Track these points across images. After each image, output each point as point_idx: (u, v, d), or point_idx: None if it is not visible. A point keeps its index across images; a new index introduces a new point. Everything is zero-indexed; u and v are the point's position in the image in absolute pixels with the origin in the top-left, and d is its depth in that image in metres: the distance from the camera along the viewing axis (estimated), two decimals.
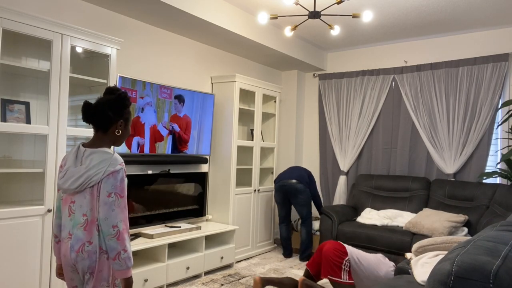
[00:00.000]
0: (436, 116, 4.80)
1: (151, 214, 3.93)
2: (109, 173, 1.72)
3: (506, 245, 1.18)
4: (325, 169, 5.72)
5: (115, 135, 1.85)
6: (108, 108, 1.79)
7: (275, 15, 3.44)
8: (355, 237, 4.42)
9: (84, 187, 1.73)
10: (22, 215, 2.69)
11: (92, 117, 1.80)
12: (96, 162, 1.73)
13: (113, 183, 1.72)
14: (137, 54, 3.93)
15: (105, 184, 1.72)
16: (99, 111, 1.79)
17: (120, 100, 1.82)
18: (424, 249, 2.76)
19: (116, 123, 1.84)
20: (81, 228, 1.74)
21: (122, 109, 1.84)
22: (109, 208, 1.70)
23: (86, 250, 1.72)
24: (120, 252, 1.69)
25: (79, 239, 1.73)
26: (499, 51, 4.52)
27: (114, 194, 1.72)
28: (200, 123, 4.38)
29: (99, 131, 1.84)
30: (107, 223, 1.69)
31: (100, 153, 1.77)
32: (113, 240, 1.69)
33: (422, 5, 4.02)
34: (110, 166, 1.73)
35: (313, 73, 5.95)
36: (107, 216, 1.70)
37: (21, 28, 2.67)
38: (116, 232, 1.69)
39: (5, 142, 2.92)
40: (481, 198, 4.19)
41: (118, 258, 1.69)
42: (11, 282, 2.65)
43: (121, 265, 1.70)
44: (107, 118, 1.80)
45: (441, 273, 1.10)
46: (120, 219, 1.71)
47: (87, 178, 1.72)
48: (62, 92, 2.92)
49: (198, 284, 3.78)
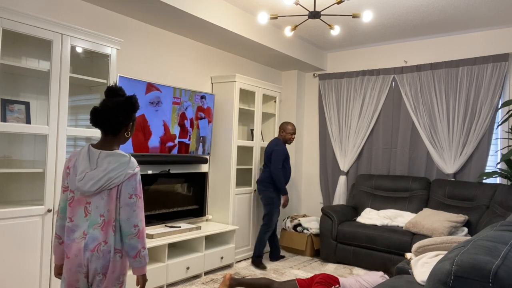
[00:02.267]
0: (436, 116, 4.80)
1: (151, 214, 3.93)
2: (129, 176, 1.78)
3: (506, 245, 1.18)
4: (325, 169, 5.72)
5: (125, 137, 1.90)
6: (119, 113, 1.80)
7: (275, 15, 3.44)
8: (355, 237, 4.42)
9: (104, 189, 1.77)
10: (22, 215, 2.69)
11: (103, 123, 1.81)
12: (115, 165, 1.77)
13: (133, 185, 1.79)
14: (137, 54, 3.93)
15: (126, 187, 1.78)
16: (110, 117, 1.79)
17: (130, 104, 1.84)
18: (424, 249, 2.76)
19: (126, 126, 1.87)
20: (98, 228, 1.77)
21: (132, 112, 1.86)
22: (130, 209, 1.78)
23: (101, 250, 1.75)
24: (140, 250, 1.78)
25: (95, 238, 1.76)
26: (499, 51, 4.52)
27: (134, 196, 1.79)
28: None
29: (109, 134, 1.85)
30: (129, 223, 1.77)
31: (116, 156, 1.81)
32: (135, 239, 1.77)
33: (422, 5, 4.02)
34: (129, 169, 1.79)
35: (313, 73, 5.95)
36: (129, 217, 1.77)
37: (21, 28, 2.67)
38: (137, 231, 1.78)
39: (5, 142, 2.92)
40: (481, 198, 4.20)
41: (139, 255, 1.78)
42: (11, 282, 2.65)
43: (141, 262, 1.79)
44: (119, 123, 1.82)
45: (441, 273, 1.10)
46: (140, 219, 1.80)
47: (107, 181, 1.76)
48: (62, 92, 2.92)
49: (198, 284, 3.78)
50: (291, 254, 5.03)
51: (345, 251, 4.52)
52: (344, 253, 4.53)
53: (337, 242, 4.60)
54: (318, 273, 3.70)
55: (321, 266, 4.51)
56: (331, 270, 4.34)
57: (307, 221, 5.07)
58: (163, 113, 3.94)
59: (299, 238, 5.01)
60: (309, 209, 5.95)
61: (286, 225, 5.19)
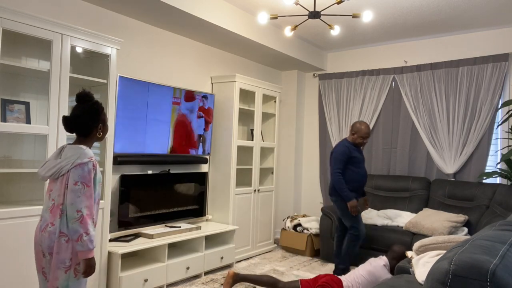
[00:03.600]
0: (436, 116, 4.80)
1: (151, 214, 3.93)
2: (76, 164, 1.94)
3: (504, 244, 1.18)
4: (325, 169, 5.72)
5: (97, 137, 2.12)
6: (86, 118, 2.04)
7: (275, 15, 3.44)
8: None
9: (57, 175, 1.97)
10: (22, 215, 2.70)
11: (73, 129, 2.05)
12: (68, 155, 1.98)
13: (80, 173, 1.93)
14: (137, 54, 3.93)
15: (72, 174, 1.93)
16: (79, 123, 2.03)
17: (95, 108, 2.06)
18: (426, 248, 2.76)
19: (96, 128, 2.09)
20: (48, 210, 1.98)
21: (99, 116, 2.08)
22: (75, 195, 1.91)
23: (47, 230, 1.94)
24: (82, 235, 1.89)
25: (45, 220, 1.98)
26: (499, 51, 4.52)
27: (80, 183, 1.93)
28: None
29: (81, 136, 2.08)
30: (72, 208, 1.90)
31: (74, 148, 2.01)
32: (77, 224, 1.89)
33: (422, 5, 4.02)
34: (79, 158, 1.95)
35: (313, 73, 5.95)
36: (73, 202, 1.90)
37: (21, 28, 2.67)
38: (80, 216, 1.90)
39: (5, 142, 2.92)
40: (481, 198, 4.19)
41: (81, 239, 1.89)
42: (11, 282, 2.65)
43: (83, 246, 1.89)
44: (88, 127, 2.05)
45: (439, 272, 1.10)
46: (85, 205, 1.92)
47: (58, 168, 1.96)
48: (62, 92, 2.92)
49: (198, 284, 3.78)
50: (291, 254, 5.03)
51: None
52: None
53: None
54: (322, 274, 3.65)
55: (321, 266, 4.51)
56: (331, 270, 4.33)
57: (307, 221, 5.07)
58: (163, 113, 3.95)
59: (299, 238, 5.01)
60: (309, 209, 5.96)
61: (286, 225, 5.19)
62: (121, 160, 3.59)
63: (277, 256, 4.91)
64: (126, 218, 3.67)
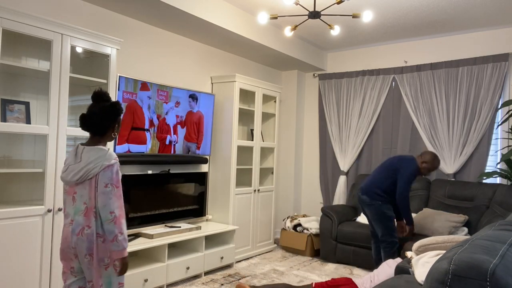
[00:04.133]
0: (436, 116, 4.80)
1: (151, 214, 3.93)
2: (105, 166, 1.97)
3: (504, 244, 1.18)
4: (325, 169, 5.72)
5: (111, 137, 2.13)
6: (104, 118, 2.04)
7: (275, 15, 3.44)
8: (354, 237, 4.42)
9: (84, 179, 1.98)
10: (22, 215, 2.70)
11: (91, 127, 2.05)
12: (94, 158, 1.98)
13: (109, 175, 1.97)
14: (137, 54, 3.93)
15: (102, 177, 1.96)
16: (96, 122, 2.03)
17: (115, 109, 2.07)
18: (425, 248, 2.76)
19: (112, 128, 2.11)
20: (82, 214, 1.99)
21: (117, 117, 2.10)
22: (106, 197, 1.94)
23: (85, 233, 1.97)
24: (117, 235, 1.94)
25: (79, 224, 1.98)
26: (499, 51, 4.52)
27: (110, 185, 1.96)
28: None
29: (96, 135, 2.08)
30: (105, 210, 1.94)
31: (96, 150, 2.02)
32: (111, 224, 1.94)
33: (422, 5, 4.02)
34: (106, 160, 1.98)
35: (313, 73, 5.95)
36: (105, 204, 1.94)
37: (21, 28, 2.67)
38: (113, 217, 1.94)
39: (5, 142, 2.92)
40: (481, 198, 4.19)
41: (116, 239, 1.94)
42: (11, 282, 2.65)
43: (118, 246, 1.95)
44: (105, 127, 2.06)
45: (439, 272, 1.10)
46: (117, 206, 1.96)
47: (86, 171, 1.97)
48: (62, 92, 2.92)
49: (198, 284, 3.78)
50: (291, 254, 5.03)
51: (345, 251, 4.52)
52: (344, 253, 4.53)
53: (337, 242, 4.60)
54: (337, 277, 3.51)
55: (321, 266, 4.51)
56: (331, 270, 4.34)
57: (307, 221, 5.07)
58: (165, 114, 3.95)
59: (299, 238, 5.01)
60: (309, 209, 5.96)
61: (286, 225, 5.19)
62: (121, 160, 3.59)
63: (277, 256, 4.91)
64: (126, 218, 3.67)
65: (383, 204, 3.79)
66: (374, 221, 3.86)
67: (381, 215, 3.79)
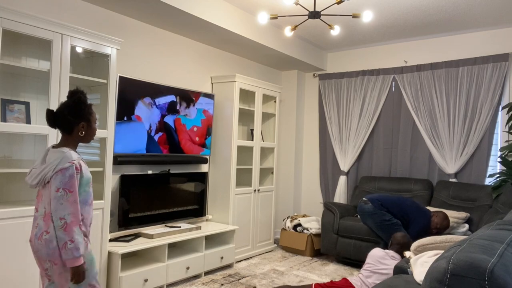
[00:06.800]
0: (437, 116, 4.80)
1: (151, 214, 3.93)
2: (57, 170, 1.87)
3: (502, 243, 1.18)
4: (325, 169, 5.72)
5: (79, 136, 2.01)
6: (67, 113, 1.95)
7: (275, 15, 3.45)
8: (356, 229, 4.42)
9: (42, 183, 1.91)
10: (22, 215, 2.70)
11: (54, 123, 1.97)
12: (52, 160, 1.90)
13: (61, 179, 1.87)
14: (137, 54, 3.93)
15: (54, 180, 1.87)
16: (59, 117, 1.95)
17: (77, 104, 1.97)
18: (424, 248, 2.76)
19: (78, 125, 1.99)
20: (42, 219, 1.93)
21: (81, 112, 1.98)
22: (57, 202, 1.85)
23: (43, 238, 1.88)
24: (67, 243, 1.83)
25: (40, 228, 1.91)
26: (499, 51, 4.52)
27: (62, 189, 1.86)
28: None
29: (64, 133, 2.00)
30: (56, 215, 1.85)
31: (57, 152, 1.93)
32: (61, 231, 1.84)
33: (422, 5, 4.02)
34: (60, 164, 1.88)
35: (313, 73, 5.95)
36: (56, 209, 1.85)
37: (21, 28, 2.68)
38: (63, 223, 1.84)
39: (5, 142, 2.93)
40: (483, 198, 4.20)
41: (65, 247, 1.84)
42: (11, 282, 2.65)
43: (68, 254, 1.84)
44: (68, 123, 1.96)
45: (438, 271, 1.10)
46: (68, 212, 1.86)
47: (42, 176, 1.90)
48: (62, 92, 2.93)
49: (198, 284, 3.79)
50: (291, 254, 5.03)
51: (345, 244, 4.51)
52: (344, 247, 4.51)
53: (338, 236, 4.59)
54: (336, 277, 3.58)
55: (321, 266, 4.51)
56: (331, 270, 4.34)
57: (307, 221, 5.07)
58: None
59: (299, 238, 5.01)
60: (309, 209, 5.96)
61: (286, 225, 5.19)
62: (121, 160, 3.59)
63: (277, 256, 4.91)
64: (126, 218, 3.67)
65: (386, 214, 4.04)
66: (378, 229, 4.06)
67: (384, 223, 4.01)
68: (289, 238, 5.10)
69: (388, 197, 4.21)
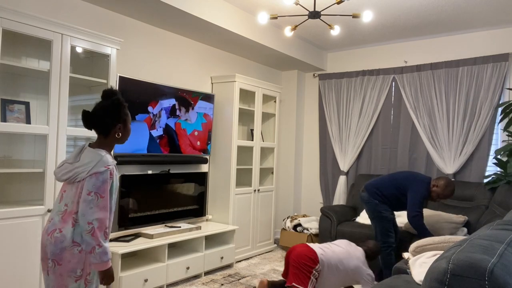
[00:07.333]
0: (436, 116, 4.80)
1: (151, 214, 3.93)
2: (92, 173, 1.83)
3: (502, 243, 1.18)
4: (325, 169, 5.72)
5: (116, 138, 1.99)
6: (105, 115, 1.92)
7: (275, 15, 3.45)
8: (354, 237, 4.42)
9: (72, 180, 1.87)
10: (22, 215, 2.70)
11: (92, 125, 1.94)
12: (86, 161, 1.86)
13: (95, 183, 1.83)
14: (137, 54, 3.93)
15: (87, 183, 1.83)
16: (97, 119, 1.93)
17: (115, 105, 1.94)
18: (422, 249, 2.76)
19: (115, 127, 1.96)
20: (60, 215, 1.88)
21: (119, 114, 1.96)
22: (87, 206, 1.81)
23: (54, 236, 1.84)
24: (95, 247, 1.80)
25: (54, 224, 1.87)
26: (499, 51, 4.52)
27: (94, 194, 1.82)
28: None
29: (101, 135, 1.97)
30: (84, 219, 1.80)
31: (93, 153, 1.89)
32: (88, 236, 1.80)
33: (422, 5, 4.02)
34: (95, 167, 1.84)
35: (313, 73, 5.95)
36: (85, 213, 1.81)
37: (21, 28, 2.68)
38: (91, 228, 1.80)
39: (5, 142, 2.93)
40: (480, 198, 4.20)
41: (93, 252, 1.81)
42: (11, 282, 2.66)
43: (96, 258, 1.81)
44: (106, 125, 1.93)
45: (437, 271, 1.10)
46: (96, 217, 1.81)
47: (74, 174, 1.86)
48: (62, 92, 2.93)
49: (198, 284, 3.79)
50: None
51: None
52: None
53: None
54: None
55: None
56: None
57: (307, 221, 5.07)
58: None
59: (299, 238, 5.01)
60: (309, 209, 5.96)
61: (286, 225, 5.19)
62: (121, 160, 3.59)
63: (277, 256, 4.91)
64: (126, 218, 3.68)
65: (380, 204, 3.77)
66: (371, 220, 3.86)
67: (378, 215, 3.76)
68: (289, 238, 5.10)
69: (383, 178, 3.89)
